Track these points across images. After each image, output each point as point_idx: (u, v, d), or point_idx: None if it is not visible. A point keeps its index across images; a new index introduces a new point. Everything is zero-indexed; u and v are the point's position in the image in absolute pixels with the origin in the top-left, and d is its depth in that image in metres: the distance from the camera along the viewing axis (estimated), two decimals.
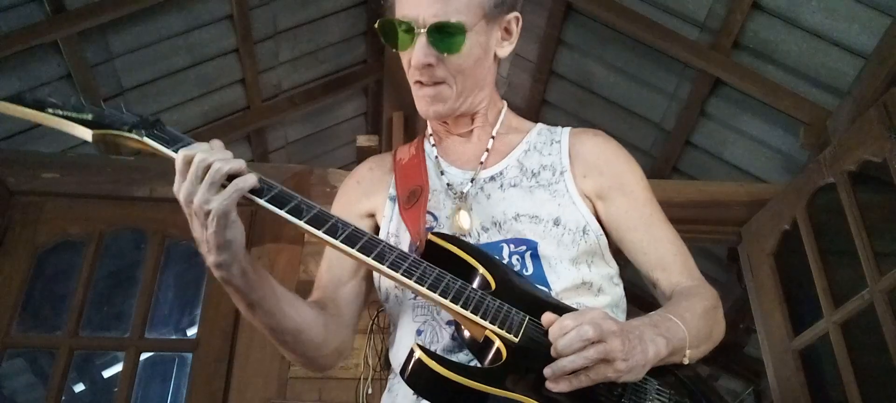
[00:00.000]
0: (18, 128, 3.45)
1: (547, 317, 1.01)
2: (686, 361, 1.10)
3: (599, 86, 4.02)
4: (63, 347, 2.75)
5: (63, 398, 2.72)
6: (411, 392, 1.12)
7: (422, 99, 1.27)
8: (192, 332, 4.08)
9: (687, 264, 1.27)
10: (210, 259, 1.01)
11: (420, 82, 1.25)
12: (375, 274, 1.30)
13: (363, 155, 3.43)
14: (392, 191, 1.34)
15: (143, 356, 2.93)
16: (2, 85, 3.27)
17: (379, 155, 1.49)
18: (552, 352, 0.97)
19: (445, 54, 1.21)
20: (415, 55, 1.22)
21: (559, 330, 0.97)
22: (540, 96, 4.27)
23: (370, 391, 2.67)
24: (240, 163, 1.01)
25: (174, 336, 4.75)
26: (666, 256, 1.26)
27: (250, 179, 1.01)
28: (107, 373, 5.79)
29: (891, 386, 2.52)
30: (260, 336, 2.75)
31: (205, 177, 0.98)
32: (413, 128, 4.12)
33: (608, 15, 3.60)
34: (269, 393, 2.67)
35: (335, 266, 1.31)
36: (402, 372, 0.98)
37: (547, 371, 0.96)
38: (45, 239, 2.91)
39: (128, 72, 3.61)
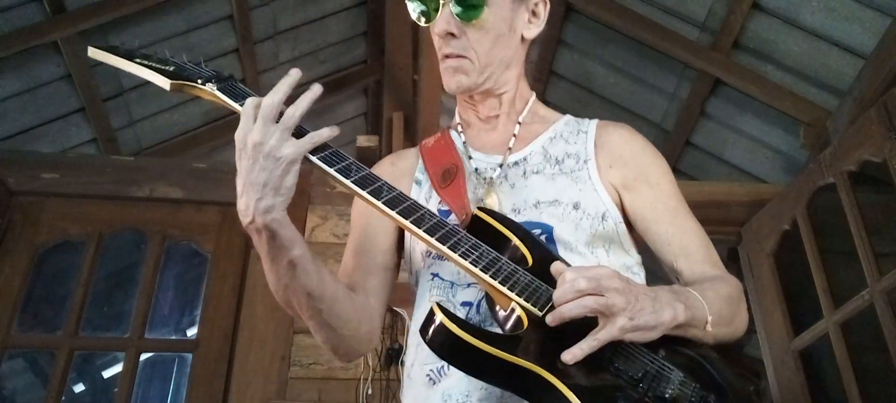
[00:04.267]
0: (19, 129, 3.45)
1: (555, 267, 1.04)
2: (706, 335, 1.09)
3: (599, 86, 4.02)
4: (63, 347, 2.75)
5: (63, 398, 2.72)
6: (424, 373, 1.14)
7: (446, 71, 1.28)
8: (192, 332, 4.08)
9: (711, 255, 1.27)
10: (263, 203, 1.01)
11: (445, 55, 1.27)
12: (407, 255, 1.32)
13: (363, 155, 3.42)
14: (417, 176, 1.35)
15: (143, 356, 2.94)
16: (2, 85, 3.28)
17: (401, 151, 1.51)
18: (553, 302, 0.98)
19: (465, 24, 1.24)
20: (437, 23, 1.25)
21: (560, 280, 0.99)
22: (540, 96, 4.22)
23: (370, 391, 2.67)
24: (306, 105, 1.07)
25: (174, 337, 4.75)
26: (690, 246, 1.26)
27: (325, 132, 1.07)
28: (107, 373, 5.79)
29: (891, 386, 2.52)
30: (260, 336, 2.76)
31: (279, 122, 1.04)
32: (413, 127, 4.13)
33: (608, 15, 3.61)
34: (269, 393, 2.66)
35: (361, 251, 1.30)
36: (421, 332, 0.99)
37: (548, 317, 0.97)
38: (45, 239, 2.91)
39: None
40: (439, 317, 0.97)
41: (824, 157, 2.83)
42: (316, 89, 1.08)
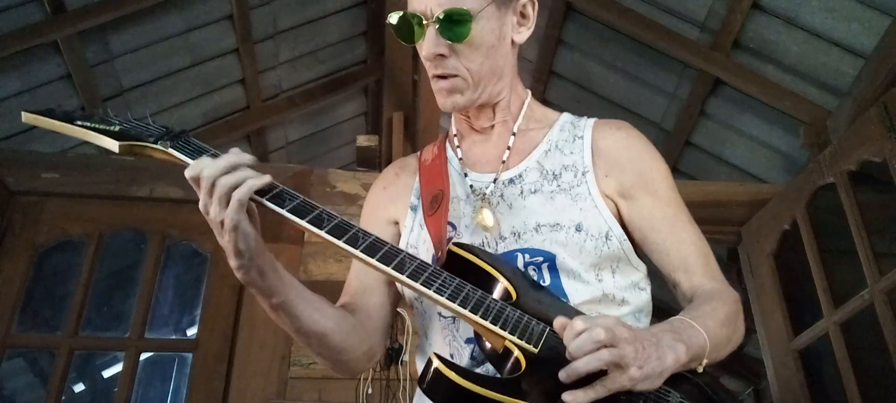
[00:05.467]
0: (18, 129, 3.45)
1: (558, 322, 0.99)
2: (700, 369, 1.07)
3: (599, 86, 4.02)
4: (63, 347, 2.75)
5: (63, 398, 2.72)
6: None
7: (439, 92, 1.24)
8: (192, 332, 4.08)
9: (709, 266, 1.24)
10: (230, 263, 1.04)
11: (437, 76, 1.23)
12: (399, 285, 1.29)
13: (363, 155, 3.43)
14: (413, 200, 1.33)
15: (143, 356, 2.94)
16: (2, 85, 3.27)
17: (404, 159, 1.48)
18: (567, 355, 0.95)
19: (455, 43, 1.19)
20: (425, 46, 1.20)
21: (571, 333, 0.95)
22: (540, 96, 4.27)
23: (370, 391, 2.67)
24: (243, 175, 1.02)
25: (174, 337, 4.76)
26: (688, 258, 1.22)
27: (247, 185, 1.01)
28: (107, 373, 5.80)
29: (891, 386, 2.52)
30: (260, 336, 2.76)
31: (213, 193, 1.01)
32: (413, 128, 4.12)
33: (608, 15, 3.61)
34: (269, 393, 2.66)
35: (362, 273, 1.30)
36: (420, 382, 0.98)
37: (562, 373, 0.94)
38: (45, 239, 2.91)
39: (128, 72, 3.61)
40: (437, 366, 0.96)
41: (824, 157, 2.83)
42: (265, 178, 1.04)
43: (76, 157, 3.43)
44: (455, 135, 1.37)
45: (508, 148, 1.30)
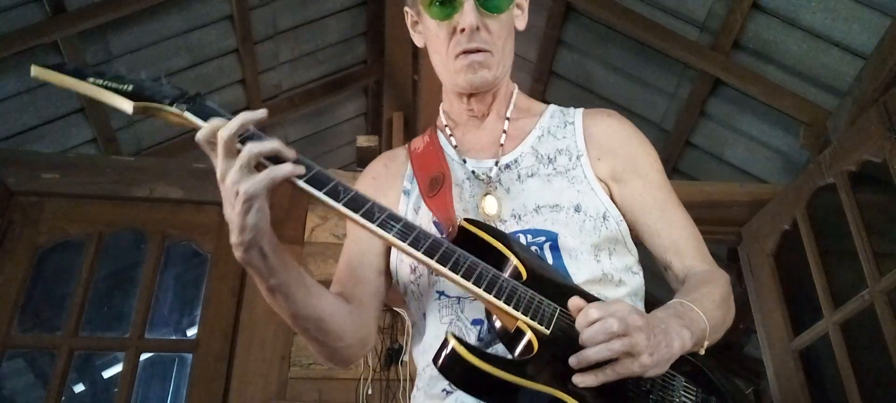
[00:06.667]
0: (18, 129, 3.45)
1: (574, 302, 1.01)
2: (702, 352, 1.10)
3: (599, 86, 4.02)
4: (63, 347, 2.75)
5: (63, 398, 2.71)
6: (436, 389, 1.14)
7: (466, 68, 1.25)
8: (192, 332, 4.09)
9: (700, 248, 1.26)
10: (232, 238, 1.01)
11: (465, 51, 1.24)
12: (393, 269, 1.30)
13: (363, 155, 3.43)
14: (405, 185, 1.34)
15: (143, 356, 2.93)
16: (2, 85, 3.27)
17: (392, 150, 1.49)
18: (580, 341, 0.97)
19: (489, 16, 1.23)
20: (464, 18, 1.22)
21: (585, 319, 0.97)
22: (540, 96, 4.27)
23: (370, 391, 2.67)
24: (274, 144, 1.01)
25: (174, 337, 4.76)
26: (679, 240, 1.25)
27: (285, 168, 1.00)
28: (107, 373, 5.80)
29: (891, 386, 2.52)
30: (260, 336, 2.76)
31: (238, 158, 0.98)
32: (413, 128, 4.13)
33: (608, 15, 3.61)
34: (269, 393, 2.66)
35: (354, 261, 1.30)
36: (434, 360, 0.98)
37: (572, 359, 0.96)
38: (45, 239, 2.91)
39: (128, 72, 3.61)
40: (454, 345, 0.96)
41: (824, 157, 2.83)
42: (289, 168, 1.00)
43: (76, 157, 3.43)
44: (446, 125, 1.38)
45: (504, 132, 1.32)
